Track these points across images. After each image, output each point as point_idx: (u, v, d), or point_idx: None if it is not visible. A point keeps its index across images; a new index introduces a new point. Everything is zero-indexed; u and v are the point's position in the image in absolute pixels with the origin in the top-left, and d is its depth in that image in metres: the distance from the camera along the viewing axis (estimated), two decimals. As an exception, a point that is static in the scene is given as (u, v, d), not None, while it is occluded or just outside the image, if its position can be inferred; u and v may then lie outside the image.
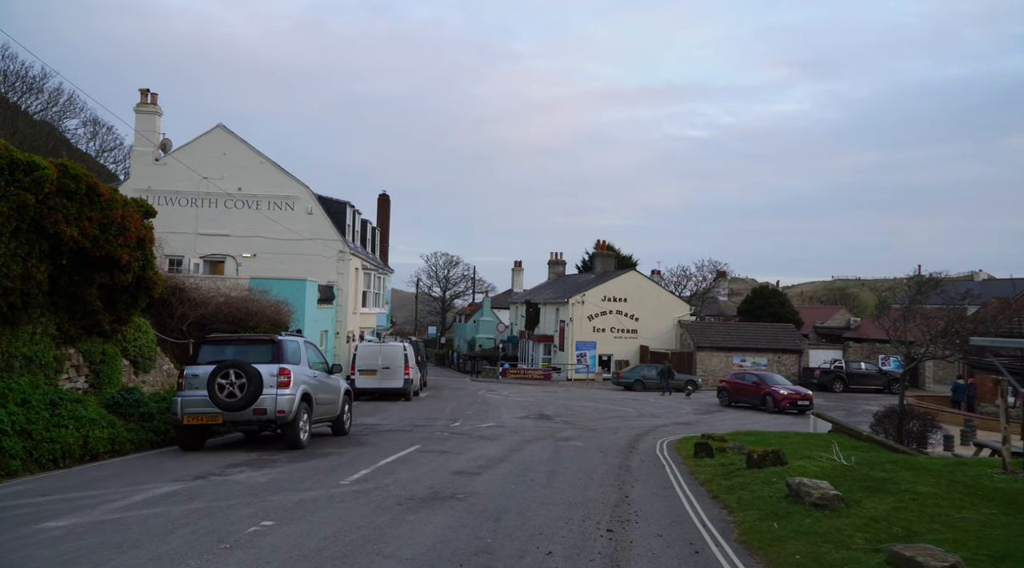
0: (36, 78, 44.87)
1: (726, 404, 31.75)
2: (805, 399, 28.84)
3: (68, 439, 10.21)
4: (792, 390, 29.59)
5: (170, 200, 34.27)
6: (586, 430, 18.09)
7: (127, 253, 14.80)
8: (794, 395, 29.08)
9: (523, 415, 21.87)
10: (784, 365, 47.79)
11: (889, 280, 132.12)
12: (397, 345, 27.83)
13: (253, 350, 12.42)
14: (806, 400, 28.74)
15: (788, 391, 29.40)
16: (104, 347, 15.23)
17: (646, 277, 51.99)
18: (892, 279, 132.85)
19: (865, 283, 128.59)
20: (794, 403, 28.70)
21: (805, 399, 28.84)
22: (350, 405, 15.15)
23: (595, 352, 48.94)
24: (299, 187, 34.97)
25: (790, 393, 29.24)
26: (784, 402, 28.83)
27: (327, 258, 34.61)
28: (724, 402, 32.08)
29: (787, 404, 28.67)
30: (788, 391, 29.40)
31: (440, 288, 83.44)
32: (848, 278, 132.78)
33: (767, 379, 31.53)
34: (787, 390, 29.51)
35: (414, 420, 19.06)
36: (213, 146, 34.12)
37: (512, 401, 28.99)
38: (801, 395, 29.13)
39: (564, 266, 67.77)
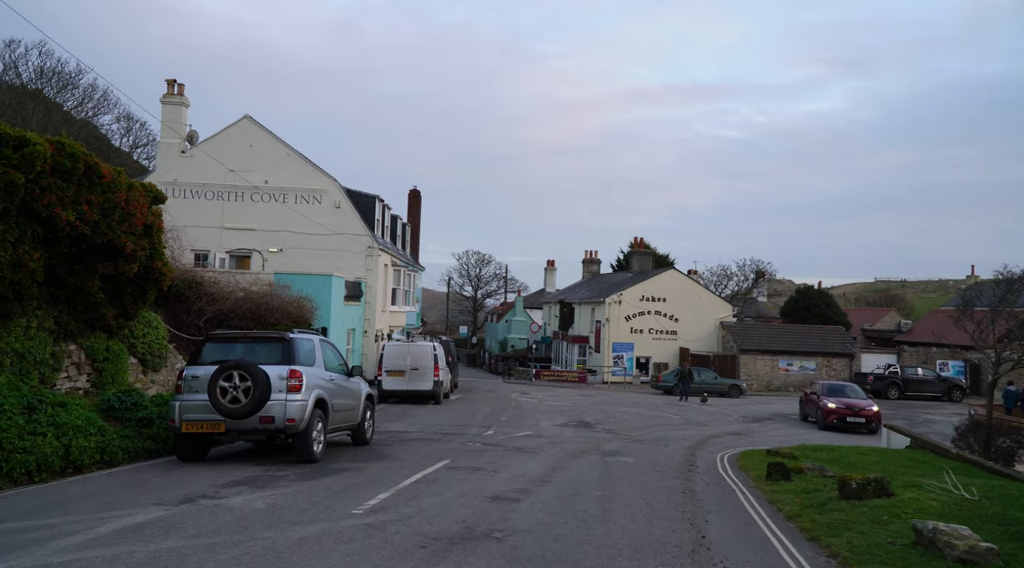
0: (71, 74, 44.46)
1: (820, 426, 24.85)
2: (859, 415, 23.92)
3: (45, 449, 8.82)
4: (843, 402, 24.49)
5: (196, 193, 33.24)
6: (633, 441, 16.39)
7: (132, 241, 13.46)
8: (843, 410, 24.13)
9: (562, 422, 20.22)
10: (834, 370, 45.44)
11: (934, 281, 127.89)
12: (426, 345, 26.34)
13: (262, 349, 10.97)
14: (860, 417, 23.85)
15: (836, 404, 24.38)
16: (108, 343, 13.93)
17: (686, 276, 49.94)
18: (937, 280, 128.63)
19: (907, 284, 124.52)
20: (842, 419, 23.91)
21: (859, 415, 23.92)
22: (372, 411, 13.64)
23: (632, 354, 47.05)
24: (327, 180, 33.72)
25: (837, 406, 24.29)
26: (831, 417, 24.05)
27: (355, 253, 33.30)
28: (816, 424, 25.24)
29: (834, 419, 23.94)
30: (836, 404, 24.38)
31: (472, 287, 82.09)
32: (891, 279, 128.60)
33: (835, 390, 25.93)
34: (835, 402, 24.49)
35: (443, 427, 17.52)
36: (240, 138, 32.99)
37: (548, 406, 27.35)
38: (854, 410, 24.06)
39: (599, 265, 65.91)
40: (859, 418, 23.88)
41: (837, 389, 26.00)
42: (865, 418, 23.88)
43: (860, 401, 24.70)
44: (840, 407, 24.16)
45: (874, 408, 24.36)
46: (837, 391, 25.69)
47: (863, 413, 23.95)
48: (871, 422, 23.74)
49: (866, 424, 23.78)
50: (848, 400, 24.62)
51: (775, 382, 45.40)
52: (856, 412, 23.97)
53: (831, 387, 26.20)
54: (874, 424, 23.59)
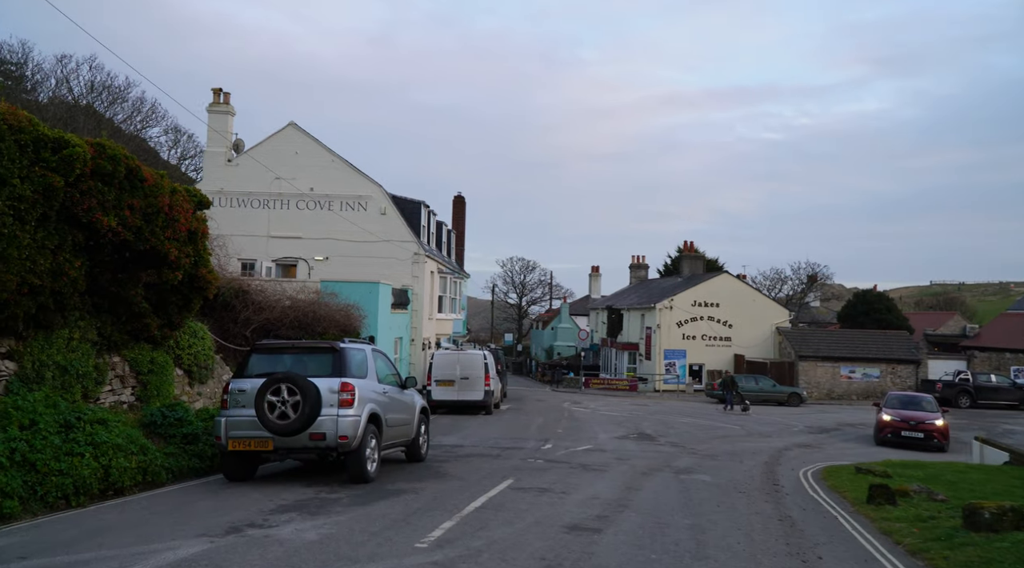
0: (120, 88, 45.01)
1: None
2: (917, 429, 20.84)
3: (83, 471, 8.15)
4: (899, 414, 21.48)
5: (242, 202, 33.03)
6: (703, 456, 15.28)
7: (176, 248, 12.90)
8: (898, 422, 21.21)
9: (621, 435, 19.17)
10: (899, 377, 43.40)
11: (993, 284, 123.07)
12: (477, 353, 25.52)
13: (311, 360, 10.21)
14: (918, 431, 20.80)
15: (892, 416, 21.59)
16: (153, 355, 13.38)
17: (740, 280, 48.32)
18: (997, 283, 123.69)
19: (964, 287, 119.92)
20: (896, 433, 21.03)
21: (917, 429, 20.84)
22: (427, 425, 12.80)
23: (684, 361, 45.61)
24: (372, 186, 33.22)
25: (892, 418, 21.47)
26: (885, 431, 21.39)
27: (401, 260, 32.69)
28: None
29: (888, 433, 21.23)
30: (892, 416, 21.59)
31: (516, 294, 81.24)
32: (946, 283, 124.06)
33: (902, 401, 23.04)
34: (891, 414, 21.69)
35: (499, 441, 16.62)
36: (285, 145, 32.69)
37: (603, 416, 26.29)
38: (910, 423, 20.98)
39: (646, 270, 64.50)
40: (916, 433, 20.80)
41: (905, 400, 22.96)
42: (924, 433, 20.74)
43: (922, 413, 21.46)
44: (895, 419, 21.28)
45: (938, 422, 20.96)
46: (904, 402, 22.67)
47: (922, 427, 20.85)
48: (932, 437, 20.65)
49: (925, 440, 20.65)
50: (907, 412, 21.59)
51: (836, 390, 43.54)
52: (913, 426, 20.95)
53: (899, 398, 23.35)
54: (937, 440, 20.56)
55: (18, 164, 9.92)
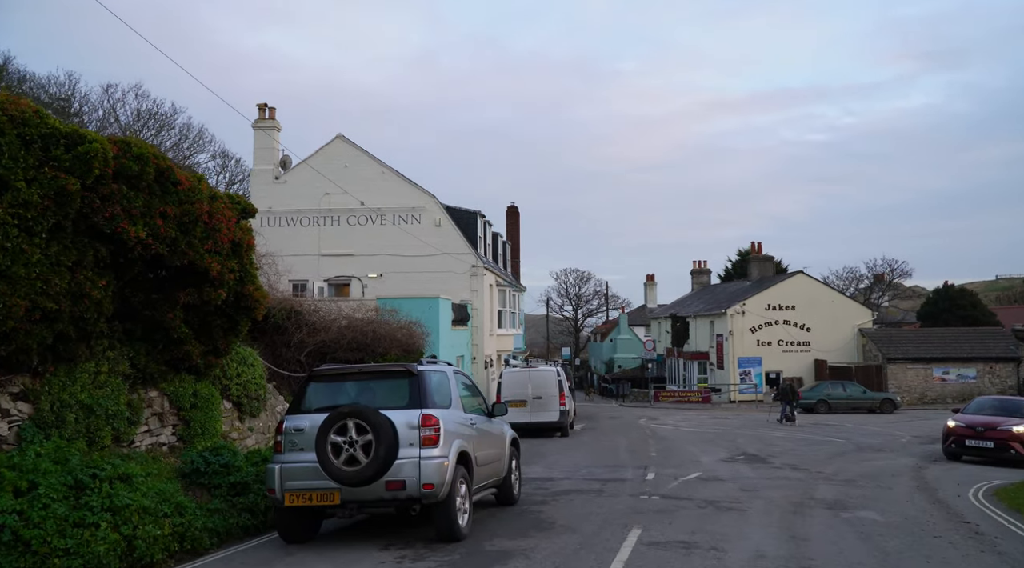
0: (167, 115, 44.50)
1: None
2: (985, 437, 16.80)
3: (98, 547, 6.24)
4: (967, 421, 17.59)
5: (291, 220, 31.66)
6: (839, 482, 12.88)
7: (218, 262, 11.10)
8: (963, 430, 17.30)
9: (725, 457, 16.79)
10: (998, 377, 39.85)
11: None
12: (549, 370, 23.37)
13: (381, 388, 8.22)
14: (986, 439, 16.78)
15: (958, 421, 17.72)
16: (196, 387, 11.58)
17: (817, 280, 45.24)
18: None
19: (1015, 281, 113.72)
20: (960, 442, 17.17)
21: (985, 437, 16.80)
22: (518, 459, 10.71)
23: (760, 369, 42.70)
24: (425, 197, 31.50)
25: (958, 424, 17.58)
26: (948, 441, 17.55)
27: (459, 274, 30.84)
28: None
29: (952, 444, 17.41)
30: (958, 421, 17.72)
31: (572, 306, 78.87)
32: (1013, 276, 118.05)
33: (984, 406, 18.86)
34: (959, 419, 17.82)
35: (592, 469, 14.45)
36: (333, 158, 31.22)
37: (688, 434, 23.87)
38: (977, 430, 16.98)
39: (709, 275, 61.62)
40: (984, 441, 16.73)
41: (996, 405, 18.65)
42: (995, 441, 16.55)
43: (1000, 418, 17.15)
44: (960, 426, 17.39)
45: (1018, 429, 16.56)
46: (993, 407, 18.43)
47: (993, 434, 16.66)
48: (1008, 448, 16.40)
49: (997, 450, 16.55)
50: (980, 417, 17.44)
51: (930, 394, 40.17)
52: (981, 433, 16.81)
53: (987, 403, 19.10)
54: (1015, 451, 16.34)
55: (22, 163, 8.21)
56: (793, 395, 30.45)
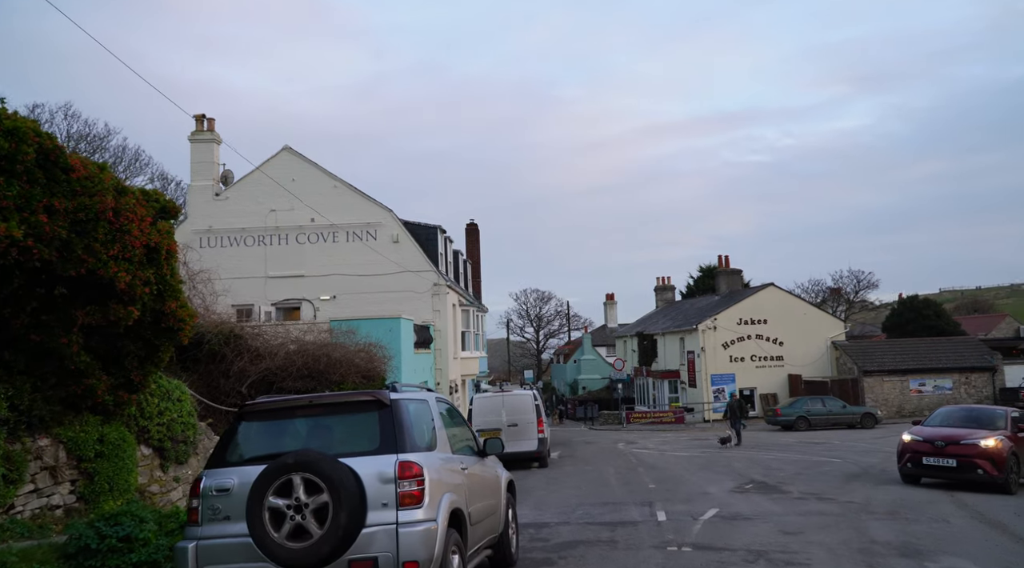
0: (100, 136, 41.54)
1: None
2: (946, 454, 14.00)
3: None
4: (924, 434, 14.69)
5: (234, 240, 29.07)
6: (877, 513, 11.13)
7: (128, 272, 8.79)
8: (921, 445, 14.48)
9: (733, 487, 14.86)
10: (974, 386, 39.01)
11: (1005, 287, 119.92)
12: (525, 394, 21.26)
13: (341, 426, 6.01)
14: (947, 456, 13.96)
15: (914, 435, 14.85)
16: (103, 431, 9.18)
17: (788, 293, 44.11)
18: (1008, 286, 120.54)
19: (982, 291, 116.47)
20: (917, 461, 14.42)
21: (946, 454, 14.00)
22: (515, 507, 8.56)
23: (734, 386, 41.19)
24: (381, 211, 29.26)
25: (914, 438, 14.75)
26: (904, 459, 14.76)
27: (419, 294, 28.60)
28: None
29: (908, 463, 14.64)
30: (914, 435, 14.85)
31: (533, 327, 76.89)
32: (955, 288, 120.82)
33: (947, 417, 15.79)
34: (915, 433, 14.95)
35: (589, 508, 12.37)
36: (280, 172, 28.75)
37: (678, 459, 21.97)
38: (937, 446, 14.14)
39: (673, 292, 60.38)
40: (945, 459, 13.87)
41: (961, 416, 15.57)
42: (959, 459, 13.68)
43: (966, 431, 14.29)
44: (917, 441, 14.54)
45: (985, 443, 13.61)
46: (957, 419, 15.38)
47: (955, 450, 13.79)
48: (973, 466, 13.53)
49: (959, 470, 13.69)
50: (942, 430, 14.59)
51: (907, 406, 39.08)
52: (941, 449, 13.98)
53: (951, 414, 15.93)
54: (983, 470, 13.42)
55: None
56: (742, 413, 28.28)
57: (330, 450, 5.63)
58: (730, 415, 27.95)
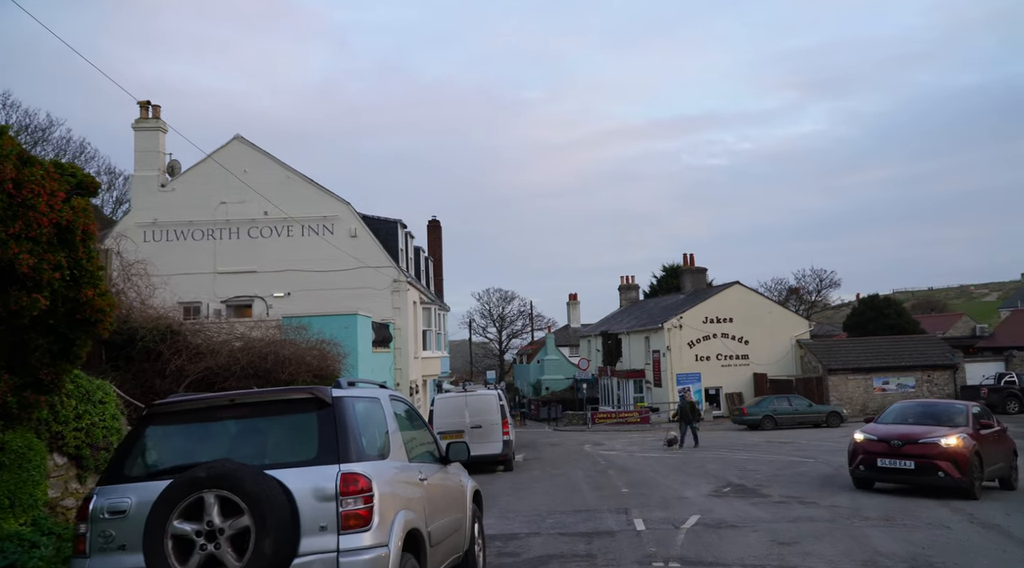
0: (42, 127, 39.47)
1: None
2: (902, 455, 12.47)
3: None
4: (880, 433, 13.12)
5: (181, 234, 27.54)
6: (871, 519, 10.37)
7: (33, 253, 7.56)
8: (875, 446, 12.97)
9: (711, 490, 14.04)
10: (936, 384, 39.10)
11: (955, 288, 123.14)
12: (489, 394, 20.25)
13: (272, 430, 4.93)
14: (904, 457, 12.43)
15: (869, 434, 13.32)
16: (5, 438, 7.92)
17: (753, 291, 43.80)
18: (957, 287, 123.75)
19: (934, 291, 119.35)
20: (871, 464, 12.89)
21: (902, 455, 12.47)
22: (481, 520, 7.55)
23: (700, 385, 40.72)
24: (338, 204, 27.99)
25: (867, 437, 13.24)
26: (856, 461, 13.24)
27: (379, 291, 27.40)
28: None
29: (860, 466, 13.12)
30: (869, 434, 13.32)
31: (496, 327, 75.86)
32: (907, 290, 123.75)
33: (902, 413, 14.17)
34: (869, 433, 13.39)
35: (560, 516, 11.42)
36: (231, 163, 27.27)
37: (648, 461, 21.18)
38: (893, 446, 12.60)
39: (637, 291, 59.93)
40: (901, 461, 12.35)
41: (913, 411, 14.07)
42: (916, 460, 12.19)
43: (924, 429, 12.79)
44: (870, 440, 13.07)
45: (947, 442, 12.14)
46: (915, 415, 13.80)
47: (913, 450, 12.29)
48: (933, 468, 12.04)
49: (918, 473, 12.22)
50: (898, 428, 13.06)
51: (871, 405, 38.97)
52: (897, 448, 12.47)
53: (907, 410, 14.29)
54: (944, 472, 11.95)
55: None
56: (695, 414, 26.63)
57: (256, 460, 4.55)
58: (680, 416, 26.60)
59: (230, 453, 4.74)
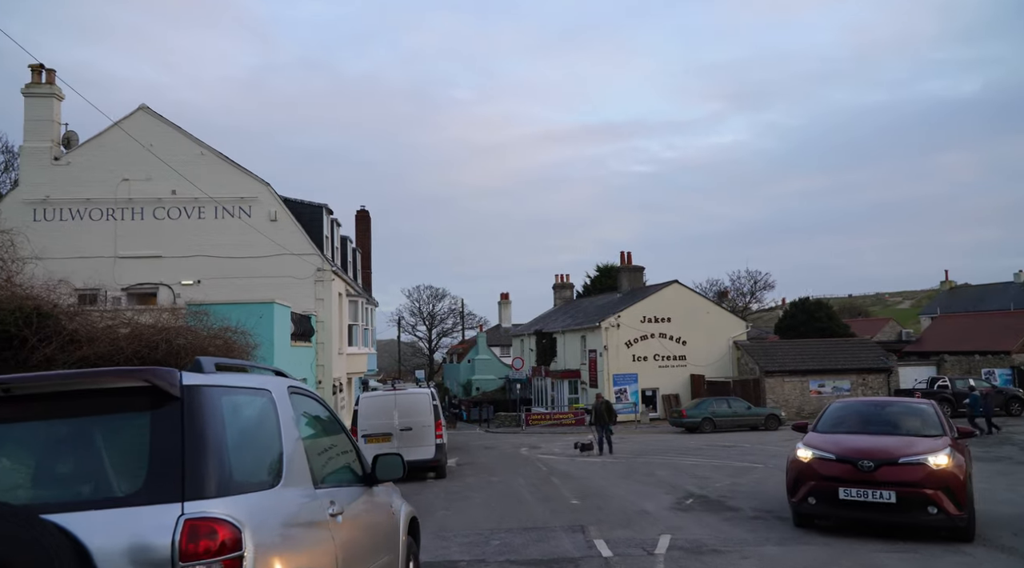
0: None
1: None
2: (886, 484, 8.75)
3: None
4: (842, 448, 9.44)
5: (78, 213, 24.62)
6: (858, 538, 8.89)
7: None
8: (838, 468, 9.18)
9: (672, 503, 12.52)
10: (871, 387, 39.04)
11: (871, 296, 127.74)
12: (421, 393, 18.33)
13: (75, 442, 2.96)
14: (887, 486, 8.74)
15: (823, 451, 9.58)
16: None
17: (692, 291, 43.04)
18: (873, 295, 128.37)
19: (837, 300, 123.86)
20: (831, 496, 9.10)
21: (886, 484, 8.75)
22: (417, 558, 5.69)
23: (637, 386, 39.67)
24: (257, 185, 25.52)
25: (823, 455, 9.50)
26: (804, 490, 9.47)
27: (300, 280, 25.07)
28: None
29: (806, 495, 9.43)
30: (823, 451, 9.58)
31: (426, 325, 73.62)
32: (822, 297, 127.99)
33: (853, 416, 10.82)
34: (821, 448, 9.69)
35: (506, 536, 9.70)
36: (135, 135, 24.51)
37: (591, 466, 19.69)
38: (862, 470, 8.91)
39: (572, 290, 58.75)
40: (878, 491, 8.76)
41: (856, 414, 10.78)
42: (899, 490, 8.67)
43: (894, 441, 9.43)
44: (824, 459, 9.42)
45: (936, 461, 8.75)
46: (864, 419, 10.52)
47: (890, 476, 8.77)
48: (920, 500, 8.60)
49: (902, 509, 8.72)
50: (857, 441, 9.62)
51: (807, 408, 38.64)
52: (869, 472, 8.87)
53: (852, 411, 11.02)
54: (936, 508, 8.55)
55: None
56: (610, 417, 23.48)
57: (31, 495, 2.61)
58: (595, 419, 23.54)
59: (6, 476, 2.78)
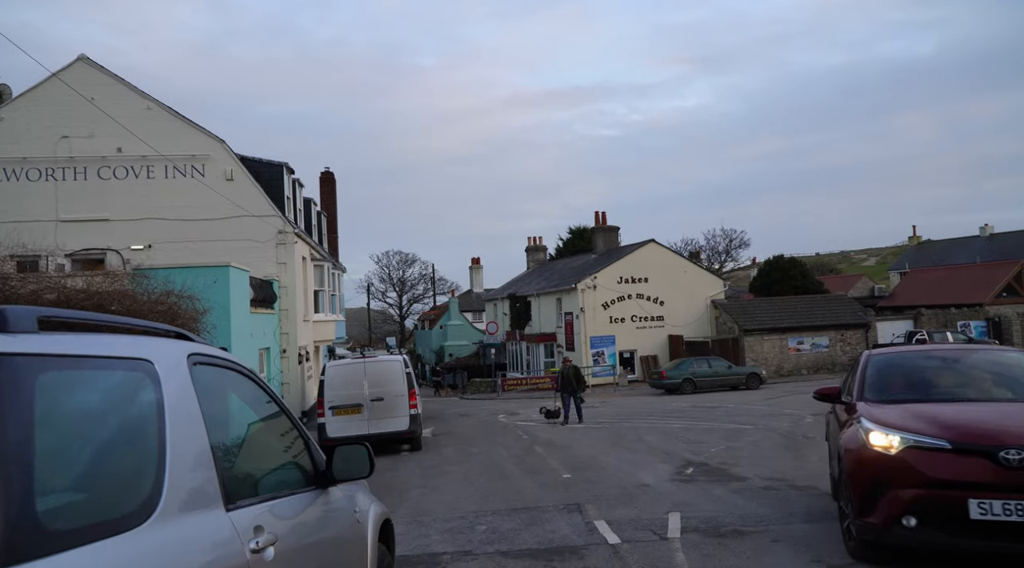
0: None
1: None
2: None
3: None
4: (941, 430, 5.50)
5: (13, 173, 22.71)
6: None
7: None
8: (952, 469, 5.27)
9: (672, 473, 11.49)
10: (849, 344, 38.68)
11: (836, 254, 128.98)
12: (393, 360, 17.03)
13: None
14: None
15: (901, 438, 5.59)
16: None
17: (669, 249, 42.08)
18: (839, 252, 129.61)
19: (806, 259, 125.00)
20: (957, 521, 5.18)
21: None
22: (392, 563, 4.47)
23: (614, 348, 38.80)
24: (211, 142, 23.74)
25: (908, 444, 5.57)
26: (896, 507, 5.42)
27: (261, 243, 23.48)
28: None
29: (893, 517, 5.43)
30: (901, 438, 5.59)
31: (396, 291, 72.08)
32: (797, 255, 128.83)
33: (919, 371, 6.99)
34: (900, 431, 5.63)
35: (494, 519, 8.57)
36: (75, 88, 22.51)
37: (574, 433, 18.70)
38: None
39: (545, 252, 57.59)
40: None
41: (926, 372, 6.95)
42: None
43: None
44: (933, 449, 5.42)
45: None
46: (920, 377, 6.85)
47: None
48: None
49: None
50: (978, 411, 5.95)
51: (786, 365, 38.25)
52: (1018, 468, 5.06)
53: (906, 365, 7.20)
54: None
55: None
56: (579, 384, 21.59)
57: None
58: (562, 386, 21.67)
59: None
